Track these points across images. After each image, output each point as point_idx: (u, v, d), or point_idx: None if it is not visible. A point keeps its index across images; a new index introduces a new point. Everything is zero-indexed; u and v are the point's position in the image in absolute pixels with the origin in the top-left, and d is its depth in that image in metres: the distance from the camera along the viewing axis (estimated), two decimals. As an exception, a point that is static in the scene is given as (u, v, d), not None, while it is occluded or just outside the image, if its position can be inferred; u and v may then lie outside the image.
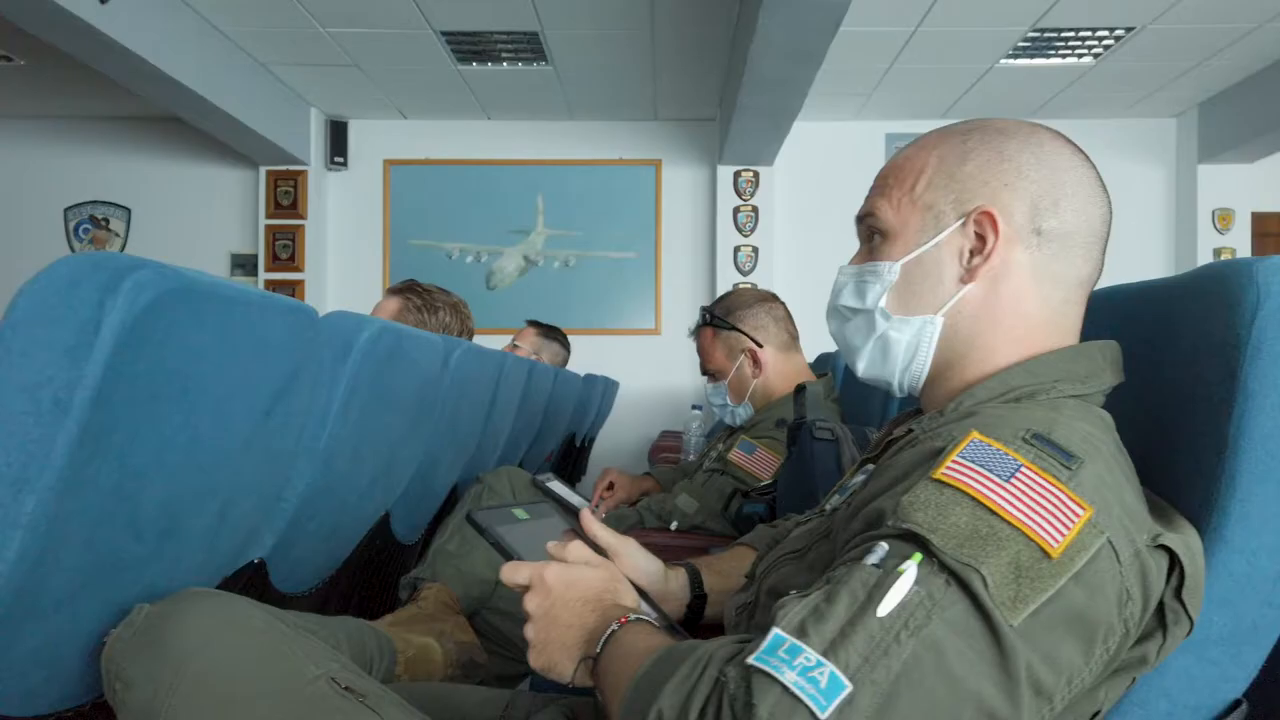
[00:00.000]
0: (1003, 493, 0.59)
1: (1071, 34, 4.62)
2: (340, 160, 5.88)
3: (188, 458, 0.87)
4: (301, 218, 5.73)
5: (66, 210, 6.03)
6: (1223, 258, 5.58)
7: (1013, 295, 0.77)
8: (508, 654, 1.78)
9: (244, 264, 5.90)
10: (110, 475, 0.76)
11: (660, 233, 6.06)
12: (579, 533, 0.99)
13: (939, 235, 0.78)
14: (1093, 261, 0.78)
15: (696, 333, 1.95)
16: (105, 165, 6.01)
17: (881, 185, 0.83)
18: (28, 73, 5.26)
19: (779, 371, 1.85)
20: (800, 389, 1.48)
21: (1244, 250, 5.63)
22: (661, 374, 6.05)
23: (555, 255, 6.06)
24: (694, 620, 1.04)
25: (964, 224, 0.77)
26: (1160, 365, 0.78)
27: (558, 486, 2.09)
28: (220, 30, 4.65)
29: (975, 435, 0.63)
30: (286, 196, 5.71)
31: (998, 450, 0.62)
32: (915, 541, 0.58)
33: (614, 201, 6.06)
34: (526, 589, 0.83)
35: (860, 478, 0.78)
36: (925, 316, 0.79)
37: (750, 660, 0.55)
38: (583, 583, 0.81)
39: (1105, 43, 4.71)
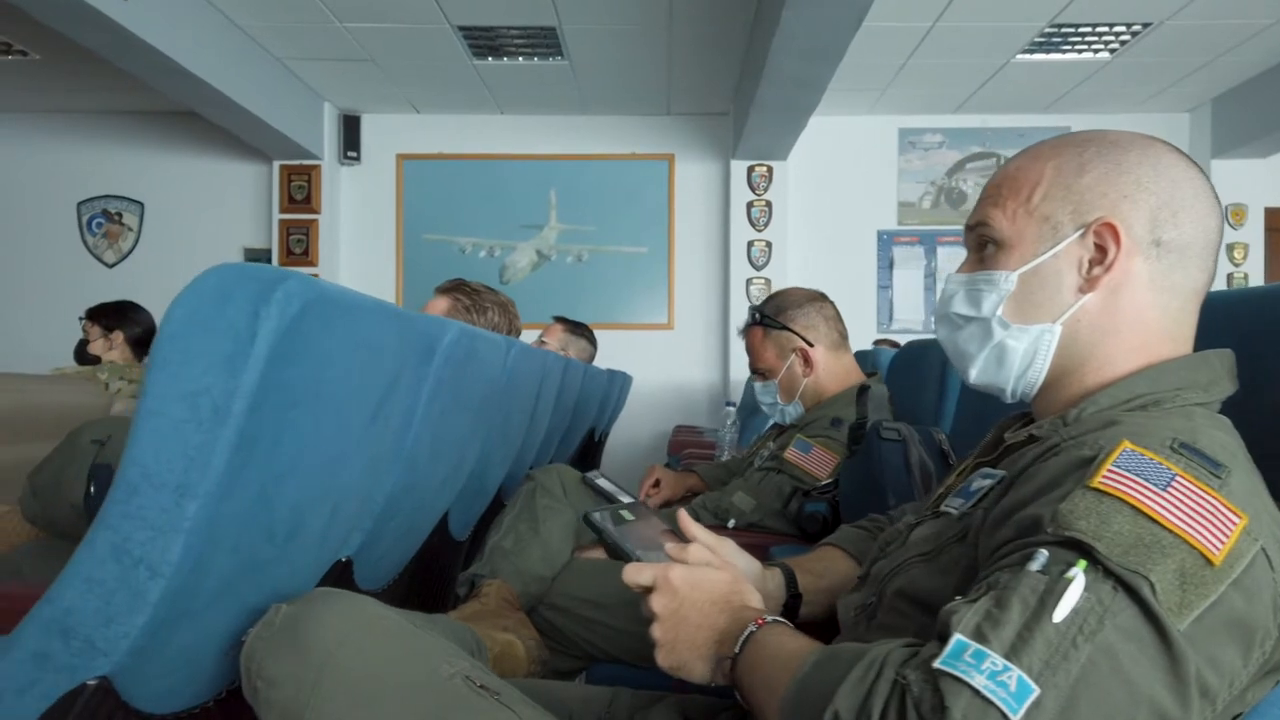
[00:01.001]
0: (1162, 501, 0.61)
1: (1089, 29, 4.64)
2: (353, 155, 5.88)
3: (314, 462, 0.89)
4: (315, 212, 5.74)
5: (79, 204, 6.02)
6: (1236, 254, 5.62)
7: (1132, 304, 0.79)
8: (563, 649, 1.80)
9: (257, 259, 5.90)
10: (256, 481, 0.78)
11: (673, 227, 6.08)
12: (676, 533, 1.02)
13: (1057, 246, 0.80)
14: (1208, 271, 0.81)
15: (746, 332, 1.96)
16: (118, 159, 6.01)
17: (994, 195, 0.85)
18: (42, 68, 5.25)
19: (830, 371, 1.87)
20: (864, 389, 1.50)
21: (1257, 246, 5.66)
22: (674, 369, 6.08)
23: (568, 250, 6.07)
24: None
25: (1083, 235, 0.79)
26: (1274, 372, 0.80)
27: (607, 484, 2.12)
28: (238, 25, 4.65)
29: (1127, 445, 0.65)
30: (300, 191, 5.72)
31: (1151, 459, 0.64)
32: (1077, 549, 0.60)
33: (627, 196, 6.07)
34: (648, 590, 0.85)
35: (985, 481, 0.80)
36: (1043, 325, 0.81)
37: (937, 664, 0.57)
38: (708, 584, 0.84)
39: (1122, 38, 4.73)
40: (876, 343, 5.03)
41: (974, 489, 0.81)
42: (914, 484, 1.36)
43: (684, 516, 1.01)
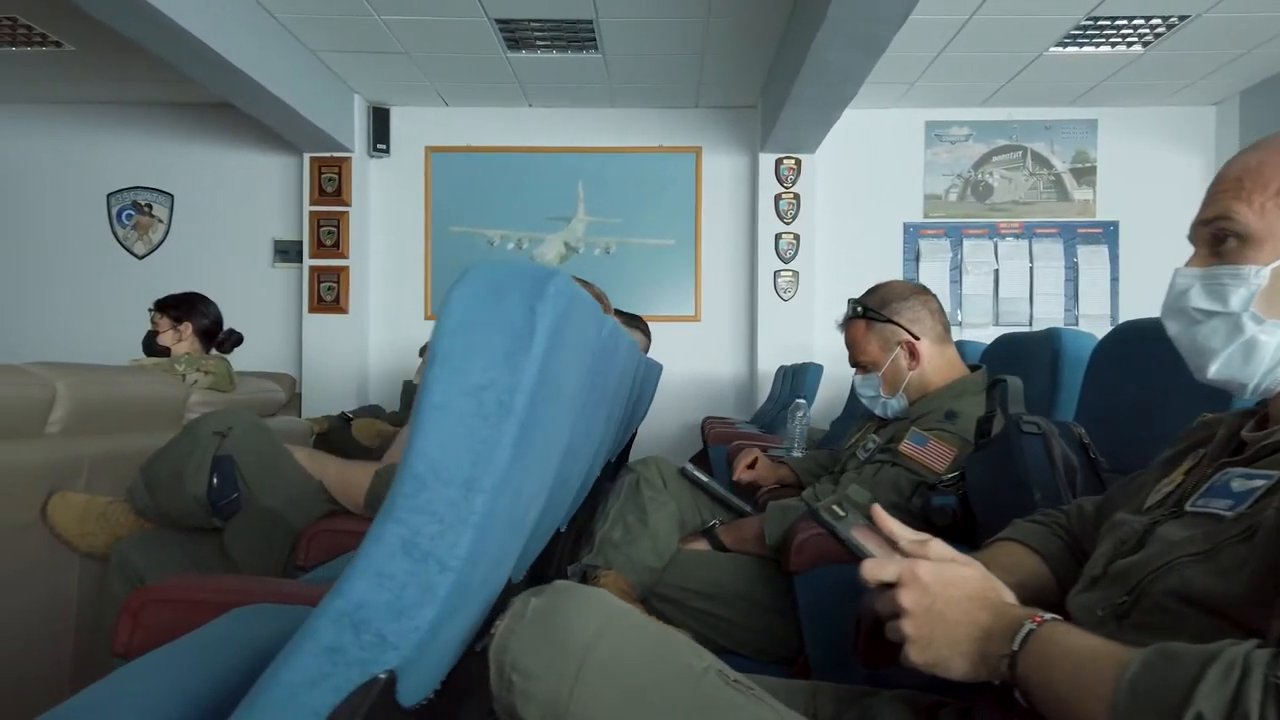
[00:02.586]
0: None
1: (1125, 21, 4.64)
2: (382, 147, 5.86)
3: (550, 457, 0.89)
4: (345, 204, 5.73)
5: (110, 196, 6.00)
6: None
7: None
8: (672, 640, 1.82)
9: (287, 250, 5.89)
10: (520, 476, 0.79)
11: (700, 220, 6.08)
12: (873, 529, 1.02)
13: None
14: None
15: (846, 325, 1.97)
16: (148, 151, 5.99)
17: (1235, 189, 0.85)
18: (74, 58, 5.23)
19: (934, 364, 1.87)
20: (997, 382, 1.51)
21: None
22: (701, 360, 6.08)
23: (596, 242, 6.07)
24: None
25: None
26: None
27: (703, 475, 2.13)
28: (275, 16, 4.64)
29: None
30: (330, 183, 5.70)
31: None
32: None
33: (654, 189, 6.07)
34: (890, 586, 0.85)
35: (1255, 482, 0.79)
36: None
37: None
38: (961, 580, 0.83)
39: (1157, 30, 4.74)
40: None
41: (1238, 490, 0.80)
42: (1058, 478, 1.36)
43: (879, 512, 1.01)
